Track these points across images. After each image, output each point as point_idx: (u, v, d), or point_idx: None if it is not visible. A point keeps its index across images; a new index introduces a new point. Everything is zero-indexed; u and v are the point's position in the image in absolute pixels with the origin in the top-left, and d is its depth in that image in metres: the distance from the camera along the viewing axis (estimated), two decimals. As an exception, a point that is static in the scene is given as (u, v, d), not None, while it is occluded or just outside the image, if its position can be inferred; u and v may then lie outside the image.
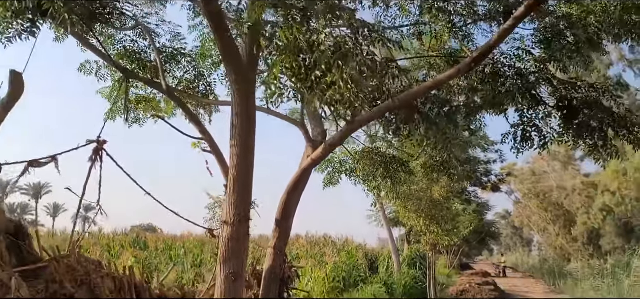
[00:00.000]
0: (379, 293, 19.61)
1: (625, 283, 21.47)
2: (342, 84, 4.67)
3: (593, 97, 7.99)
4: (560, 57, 8.37)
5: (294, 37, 4.95)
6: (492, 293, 26.38)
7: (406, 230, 27.69)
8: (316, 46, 4.84)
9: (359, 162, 10.63)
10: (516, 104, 7.70)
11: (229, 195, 7.57)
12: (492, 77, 7.76)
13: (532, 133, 7.64)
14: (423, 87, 7.24)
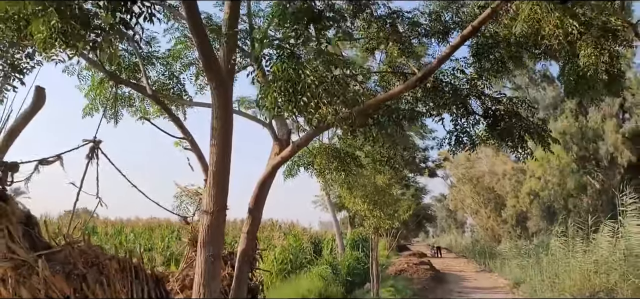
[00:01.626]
0: (325, 273, 21.68)
1: (544, 261, 24.88)
2: (325, 110, 6.43)
3: (512, 108, 10.25)
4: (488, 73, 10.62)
5: (284, 70, 6.63)
6: (427, 272, 29.39)
7: (351, 214, 29.94)
8: (303, 78, 6.55)
9: (317, 156, 12.43)
10: (451, 114, 9.84)
11: (209, 188, 9.13)
12: (433, 91, 9.80)
13: (464, 138, 9.81)
14: (378, 99, 9.14)
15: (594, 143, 35.37)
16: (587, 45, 8.98)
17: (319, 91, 6.44)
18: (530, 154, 10.30)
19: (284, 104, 6.78)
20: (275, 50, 6.69)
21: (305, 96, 6.59)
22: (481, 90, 10.11)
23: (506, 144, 10.37)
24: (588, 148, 35.62)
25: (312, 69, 6.61)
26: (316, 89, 6.46)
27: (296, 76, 6.54)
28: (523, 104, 10.48)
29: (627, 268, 18.32)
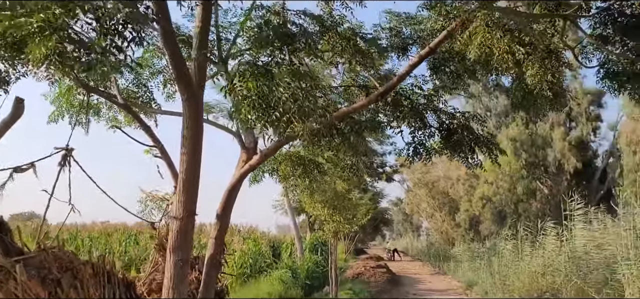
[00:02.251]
0: (285, 277, 22.31)
1: (495, 263, 26.39)
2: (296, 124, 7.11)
3: (464, 122, 11.25)
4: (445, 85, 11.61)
5: (259, 86, 7.26)
6: (384, 275, 30.47)
7: (311, 219, 30.67)
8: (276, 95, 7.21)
9: (281, 163, 13.08)
10: (409, 126, 10.73)
11: (178, 194, 9.60)
12: (393, 105, 10.65)
13: (420, 149, 10.73)
14: (342, 112, 9.91)
15: (543, 150, 37.53)
16: (533, 66, 10.04)
17: (292, 107, 7.10)
18: (479, 165, 11.32)
19: (257, 119, 7.40)
20: (249, 68, 7.29)
21: (278, 111, 7.25)
22: (437, 105, 11.02)
23: (458, 155, 11.35)
24: (537, 155, 37.76)
25: (285, 86, 7.27)
26: (288, 105, 7.12)
27: (269, 92, 7.18)
28: (474, 118, 11.48)
29: (571, 270, 19.77)
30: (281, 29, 7.34)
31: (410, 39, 11.75)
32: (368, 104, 9.96)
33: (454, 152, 11.32)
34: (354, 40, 9.69)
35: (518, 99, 11.75)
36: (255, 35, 7.80)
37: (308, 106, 7.24)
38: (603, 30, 9.69)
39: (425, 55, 9.68)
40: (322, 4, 10.11)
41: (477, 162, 11.52)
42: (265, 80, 7.16)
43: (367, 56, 10.89)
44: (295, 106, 6.95)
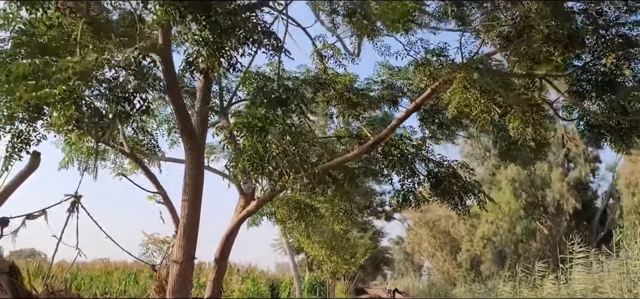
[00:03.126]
0: (283, 319, 22.69)
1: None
2: (287, 178, 7.84)
3: (452, 170, 11.96)
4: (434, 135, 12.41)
5: (254, 143, 8.03)
6: (384, 317, 30.67)
7: (309, 259, 31.10)
8: (269, 152, 7.96)
9: (278, 208, 13.76)
10: (399, 174, 11.46)
11: (179, 239, 10.30)
12: (383, 155, 11.39)
13: (410, 196, 11.42)
14: (336, 161, 10.66)
15: (542, 190, 38.05)
16: (514, 119, 10.80)
17: (283, 163, 7.84)
18: (467, 212, 11.98)
19: (252, 172, 8.13)
20: (245, 125, 8.06)
21: (271, 165, 7.99)
22: (425, 154, 11.76)
23: (447, 202, 12.02)
24: (536, 195, 38.27)
25: (278, 143, 8.03)
26: (281, 161, 7.86)
27: (263, 150, 7.93)
28: (462, 166, 12.20)
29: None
30: (274, 94, 8.13)
31: (401, 91, 12.60)
32: (360, 154, 10.71)
33: (443, 200, 11.99)
34: (347, 95, 10.49)
35: (503, 150, 12.52)
36: (252, 96, 8.59)
37: (298, 161, 7.95)
38: (579, 87, 10.48)
39: (412, 110, 10.48)
40: (317, 61, 11.00)
41: (466, 209, 12.18)
42: (260, 137, 7.91)
43: (359, 107, 11.71)
44: (286, 161, 7.67)
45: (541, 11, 8.36)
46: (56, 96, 5.99)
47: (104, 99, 6.24)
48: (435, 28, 10.26)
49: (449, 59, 10.01)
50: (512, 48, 8.99)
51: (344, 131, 12.10)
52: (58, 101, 5.99)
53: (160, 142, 12.85)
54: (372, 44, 11.73)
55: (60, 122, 5.88)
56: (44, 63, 6.49)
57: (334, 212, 14.39)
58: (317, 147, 10.48)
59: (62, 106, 5.95)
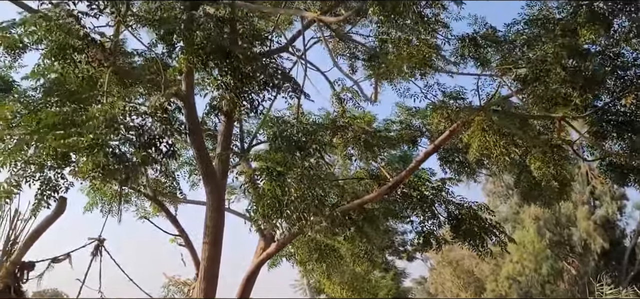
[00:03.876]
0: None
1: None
2: (306, 222, 7.94)
3: (473, 212, 11.89)
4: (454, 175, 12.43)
5: (273, 188, 8.16)
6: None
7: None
8: (288, 196, 8.08)
9: (298, 249, 13.78)
10: (418, 216, 11.46)
11: (199, 281, 10.41)
12: (403, 196, 11.42)
13: (431, 238, 11.39)
14: (355, 203, 10.73)
15: (567, 229, 37.22)
16: (536, 159, 10.78)
17: (302, 207, 7.95)
18: (489, 253, 11.85)
19: (272, 216, 8.25)
20: (265, 170, 8.23)
21: (290, 209, 8.10)
22: (445, 196, 11.74)
23: (469, 244, 11.92)
24: (562, 234, 37.42)
25: (297, 186, 8.15)
26: (300, 204, 7.98)
27: (282, 193, 8.06)
28: (482, 208, 12.12)
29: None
30: (293, 138, 8.31)
31: (419, 131, 12.69)
32: (379, 196, 10.77)
33: (464, 241, 11.90)
34: (364, 137, 10.63)
35: (526, 191, 12.44)
36: (271, 140, 8.78)
37: (317, 204, 8.06)
38: (599, 127, 10.43)
39: (430, 152, 10.55)
40: (336, 104, 11.22)
41: (488, 251, 12.04)
42: (279, 181, 8.05)
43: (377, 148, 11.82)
44: (304, 205, 7.78)
45: (558, 54, 8.45)
46: (84, 144, 6.24)
47: (129, 144, 6.47)
48: (452, 72, 10.40)
49: (467, 101, 10.11)
50: (529, 90, 9.05)
51: (363, 172, 12.19)
52: (86, 148, 6.24)
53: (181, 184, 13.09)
54: (391, 86, 11.97)
55: (87, 170, 6.10)
56: (73, 112, 6.78)
57: (354, 253, 14.35)
58: (336, 189, 10.57)
59: (90, 153, 6.19)
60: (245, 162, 11.86)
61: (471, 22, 10.75)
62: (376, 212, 12.05)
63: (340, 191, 11.27)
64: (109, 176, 6.33)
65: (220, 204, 10.74)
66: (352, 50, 12.86)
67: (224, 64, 7.40)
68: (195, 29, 7.31)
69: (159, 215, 12.64)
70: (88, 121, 6.37)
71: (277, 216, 8.23)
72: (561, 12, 9.45)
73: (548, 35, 9.16)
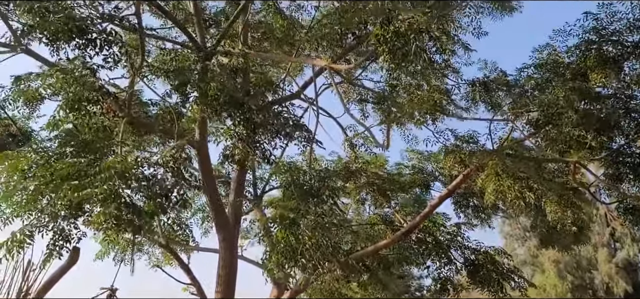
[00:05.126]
0: None
1: None
2: (321, 269, 7.84)
3: (490, 257, 11.66)
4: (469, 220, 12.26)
5: (286, 236, 8.11)
6: None
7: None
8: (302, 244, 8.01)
9: (312, 295, 13.57)
10: (434, 262, 11.23)
11: (212, 330, 10.27)
12: (418, 242, 11.25)
13: (448, 285, 11.14)
14: (369, 250, 10.59)
15: (589, 273, 36.28)
16: (551, 203, 10.60)
17: (317, 255, 7.87)
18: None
19: (286, 264, 8.17)
20: (278, 219, 8.19)
21: (304, 258, 8.01)
22: (461, 242, 11.55)
23: (487, 290, 11.65)
24: (583, 278, 36.45)
25: (311, 234, 8.08)
26: (314, 252, 7.89)
27: (296, 242, 8.00)
28: (500, 253, 11.89)
29: None
30: (306, 185, 8.31)
31: (432, 175, 12.62)
32: (393, 242, 10.63)
33: (482, 287, 11.63)
34: (378, 182, 10.59)
35: (544, 235, 12.20)
36: (284, 188, 8.78)
37: (331, 252, 7.97)
38: (615, 170, 10.28)
39: (444, 197, 10.45)
40: (348, 149, 11.25)
41: (507, 297, 11.75)
42: (292, 229, 8.00)
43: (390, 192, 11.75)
44: (319, 253, 7.70)
45: (569, 97, 8.43)
46: (98, 195, 6.29)
47: (142, 195, 6.52)
48: (464, 117, 10.41)
49: (480, 145, 10.07)
50: (542, 134, 9.00)
51: (376, 217, 12.09)
52: (99, 199, 6.28)
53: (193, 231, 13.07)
54: (402, 130, 12.00)
55: (100, 220, 6.14)
56: (87, 163, 6.86)
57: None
58: (350, 235, 10.48)
59: (103, 204, 6.23)
60: (258, 209, 11.84)
61: (481, 66, 10.88)
62: (391, 258, 11.89)
63: (354, 236, 11.16)
64: (121, 226, 6.33)
65: (233, 252, 10.70)
66: (363, 95, 12.96)
67: (237, 114, 7.49)
68: (209, 79, 7.44)
69: (171, 264, 12.59)
70: (102, 172, 6.44)
71: (291, 265, 8.14)
72: (570, 57, 9.48)
73: (558, 79, 9.16)
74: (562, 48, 9.83)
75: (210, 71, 8.02)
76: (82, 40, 6.20)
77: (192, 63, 10.46)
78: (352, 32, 9.89)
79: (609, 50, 8.97)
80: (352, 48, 11.02)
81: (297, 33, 11.07)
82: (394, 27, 6.24)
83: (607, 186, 10.57)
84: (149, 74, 9.05)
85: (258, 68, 11.04)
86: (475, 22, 10.89)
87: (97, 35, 6.35)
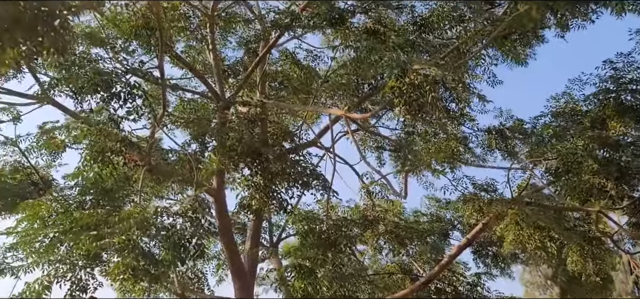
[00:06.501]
0: None
1: None
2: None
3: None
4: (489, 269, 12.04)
5: (304, 286, 8.04)
6: None
7: None
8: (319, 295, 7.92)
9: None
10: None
11: None
12: (437, 292, 11.05)
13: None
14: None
15: (614, 322, 35.10)
16: (573, 252, 10.38)
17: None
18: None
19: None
20: (295, 268, 8.14)
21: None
22: (481, 293, 11.32)
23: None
24: (608, 327, 35.27)
25: (328, 284, 8.00)
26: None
27: (314, 292, 7.92)
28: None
29: None
30: (323, 235, 8.27)
31: (451, 224, 12.49)
32: (411, 293, 10.44)
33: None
34: (395, 232, 10.49)
35: (565, 286, 11.91)
36: (301, 237, 8.75)
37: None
38: (639, 218, 10.07)
39: (463, 247, 10.31)
40: (366, 198, 11.20)
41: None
42: (310, 279, 7.94)
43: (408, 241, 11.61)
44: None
45: (588, 146, 8.36)
46: (116, 245, 6.32)
47: (160, 245, 6.53)
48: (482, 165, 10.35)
49: (498, 193, 9.96)
50: (562, 182, 8.89)
51: (394, 266, 11.92)
52: (117, 250, 6.31)
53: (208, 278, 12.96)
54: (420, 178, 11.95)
55: (117, 271, 6.15)
56: (106, 213, 6.93)
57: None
58: (368, 286, 10.34)
59: (120, 254, 6.25)
60: (274, 258, 11.76)
61: (497, 114, 10.87)
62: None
63: (372, 286, 11.01)
64: (138, 276, 6.33)
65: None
66: (379, 143, 12.97)
67: (254, 163, 7.55)
68: (228, 130, 7.54)
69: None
70: (121, 222, 6.49)
71: (308, 317, 8.05)
72: (588, 105, 9.44)
73: (577, 127, 9.11)
74: (579, 96, 9.83)
75: (228, 121, 8.14)
76: (107, 94, 6.36)
77: (211, 112, 10.66)
78: (368, 83, 10.01)
79: (627, 99, 8.92)
80: (368, 97, 11.12)
81: (313, 82, 11.20)
82: (409, 79, 6.29)
83: (631, 235, 10.32)
84: (169, 124, 9.22)
85: (275, 117, 11.14)
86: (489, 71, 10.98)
87: (121, 88, 6.51)
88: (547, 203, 9.92)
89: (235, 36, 12.32)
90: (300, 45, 11.04)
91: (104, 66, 7.29)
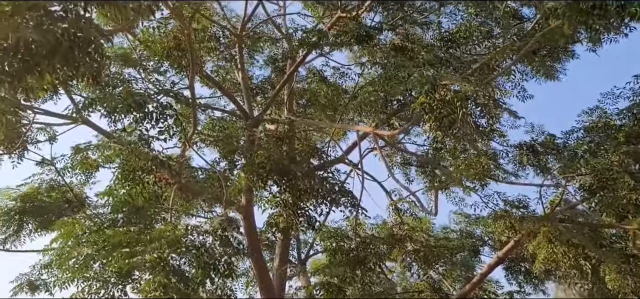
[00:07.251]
0: None
1: None
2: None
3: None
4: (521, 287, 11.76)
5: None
6: None
7: None
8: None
9: None
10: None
11: None
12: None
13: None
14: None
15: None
16: (610, 270, 10.04)
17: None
18: None
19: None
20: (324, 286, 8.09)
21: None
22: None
23: None
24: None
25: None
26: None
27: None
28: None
29: None
30: (352, 252, 8.22)
31: (481, 240, 12.26)
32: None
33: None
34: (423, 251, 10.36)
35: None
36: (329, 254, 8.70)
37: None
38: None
39: (495, 264, 10.10)
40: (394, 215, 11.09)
41: None
42: (338, 296, 7.87)
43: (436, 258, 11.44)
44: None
45: (623, 161, 8.12)
46: (148, 263, 6.39)
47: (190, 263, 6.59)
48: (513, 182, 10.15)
49: (530, 210, 9.74)
50: (597, 199, 8.64)
51: (424, 284, 11.75)
52: (149, 267, 6.38)
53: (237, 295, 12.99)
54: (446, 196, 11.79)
55: (149, 289, 6.20)
56: (138, 231, 7.03)
57: None
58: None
59: (152, 272, 6.31)
60: (303, 275, 11.72)
61: (528, 129, 10.66)
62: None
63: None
64: (169, 293, 6.38)
65: (278, 319, 10.56)
66: (407, 159, 12.87)
67: (282, 181, 7.56)
68: (257, 148, 7.58)
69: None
70: (153, 241, 6.57)
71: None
72: (622, 119, 9.18)
73: (611, 142, 8.86)
74: (613, 110, 9.58)
75: (257, 139, 8.19)
76: (140, 114, 6.47)
77: (239, 130, 10.76)
78: (396, 99, 9.95)
79: (662, 113, 8.66)
80: (395, 113, 11.07)
81: (341, 99, 11.21)
82: (439, 95, 6.23)
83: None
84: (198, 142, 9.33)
85: (303, 134, 11.17)
86: (520, 86, 10.82)
87: (153, 108, 6.62)
88: (582, 220, 9.65)
89: (262, 55, 12.48)
90: (327, 63, 11.11)
91: (136, 86, 7.44)
